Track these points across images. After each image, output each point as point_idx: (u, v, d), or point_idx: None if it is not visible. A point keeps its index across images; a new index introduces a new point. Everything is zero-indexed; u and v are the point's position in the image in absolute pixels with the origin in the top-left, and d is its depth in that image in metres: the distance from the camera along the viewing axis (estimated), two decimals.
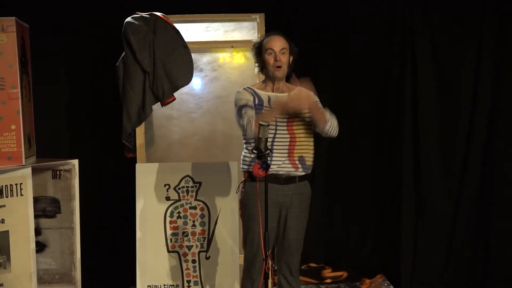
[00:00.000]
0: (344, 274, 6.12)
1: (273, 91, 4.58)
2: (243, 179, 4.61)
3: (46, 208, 5.51)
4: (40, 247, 5.51)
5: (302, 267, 6.08)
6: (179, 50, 5.53)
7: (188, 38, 5.62)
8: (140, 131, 5.62)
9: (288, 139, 4.48)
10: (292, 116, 4.48)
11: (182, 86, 5.55)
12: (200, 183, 5.41)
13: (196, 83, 5.84)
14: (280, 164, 4.47)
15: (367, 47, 6.24)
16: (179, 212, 5.40)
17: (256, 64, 4.69)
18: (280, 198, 4.51)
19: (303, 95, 4.35)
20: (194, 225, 5.39)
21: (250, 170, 4.44)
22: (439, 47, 6.07)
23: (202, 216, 5.40)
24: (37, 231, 5.41)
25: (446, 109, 6.10)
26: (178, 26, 5.59)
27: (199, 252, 5.39)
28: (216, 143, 5.86)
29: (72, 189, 5.47)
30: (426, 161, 6.10)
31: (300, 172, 4.53)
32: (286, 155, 4.49)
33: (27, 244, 5.04)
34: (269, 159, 4.28)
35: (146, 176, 5.39)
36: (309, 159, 4.56)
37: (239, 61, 5.84)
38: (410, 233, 6.14)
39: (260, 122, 4.49)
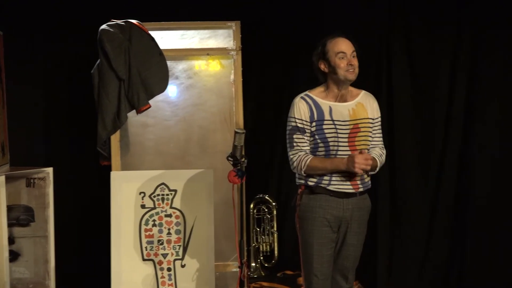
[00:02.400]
0: None
1: (336, 100, 4.30)
2: (299, 191, 4.41)
3: (20, 217, 5.47)
4: (14, 256, 5.47)
5: (278, 274, 6.08)
6: (155, 58, 5.51)
7: (163, 46, 5.61)
8: (115, 138, 5.58)
9: None
10: (354, 130, 4.28)
11: (158, 94, 5.53)
12: (175, 191, 5.39)
13: (172, 90, 5.83)
14: (340, 185, 4.27)
15: None
16: (154, 220, 5.37)
17: (321, 70, 4.32)
18: (340, 212, 4.29)
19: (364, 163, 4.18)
20: (169, 233, 5.37)
21: (308, 183, 4.32)
22: (415, 57, 6.11)
23: (177, 224, 5.38)
24: (11, 240, 5.38)
25: (422, 115, 6.13)
26: (153, 33, 5.58)
27: (175, 260, 5.37)
28: (192, 151, 5.85)
29: (46, 197, 5.44)
30: (402, 167, 6.13)
31: (361, 191, 4.34)
32: (347, 174, 4.25)
33: (1, 253, 4.99)
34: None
35: (121, 184, 5.36)
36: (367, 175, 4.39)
37: (215, 68, 5.84)
38: (386, 240, 6.15)
39: (235, 130, 4.48)
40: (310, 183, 4.30)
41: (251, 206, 6.06)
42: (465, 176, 6.07)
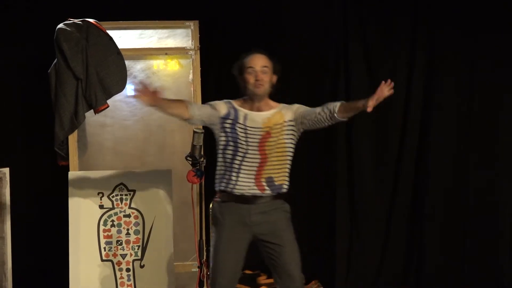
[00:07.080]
0: None
1: (252, 110, 4.42)
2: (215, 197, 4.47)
3: None
4: None
5: None
6: (113, 57, 5.49)
7: (121, 45, 5.59)
8: (72, 138, 5.55)
9: (258, 160, 4.31)
10: (265, 135, 4.35)
11: (116, 93, 5.51)
12: (134, 191, 5.38)
13: (130, 90, 5.81)
14: (245, 185, 4.31)
15: (301, 55, 6.28)
16: (113, 221, 5.35)
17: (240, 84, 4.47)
18: (246, 218, 4.32)
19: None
20: (128, 234, 5.36)
21: (220, 188, 4.36)
22: (372, 58, 6.17)
23: (136, 224, 5.37)
24: None
25: (380, 118, 6.18)
26: (111, 33, 5.55)
27: (134, 260, 5.35)
28: (150, 151, 5.84)
29: (3, 198, 5.39)
30: (360, 170, 6.18)
31: (268, 194, 4.34)
32: (253, 177, 4.32)
33: None
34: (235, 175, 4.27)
35: (79, 184, 5.33)
36: (280, 178, 4.37)
37: (173, 68, 5.84)
38: (344, 238, 6.19)
39: (194, 130, 4.49)
40: (220, 187, 4.37)
41: (210, 205, 6.06)
42: (421, 179, 6.15)
